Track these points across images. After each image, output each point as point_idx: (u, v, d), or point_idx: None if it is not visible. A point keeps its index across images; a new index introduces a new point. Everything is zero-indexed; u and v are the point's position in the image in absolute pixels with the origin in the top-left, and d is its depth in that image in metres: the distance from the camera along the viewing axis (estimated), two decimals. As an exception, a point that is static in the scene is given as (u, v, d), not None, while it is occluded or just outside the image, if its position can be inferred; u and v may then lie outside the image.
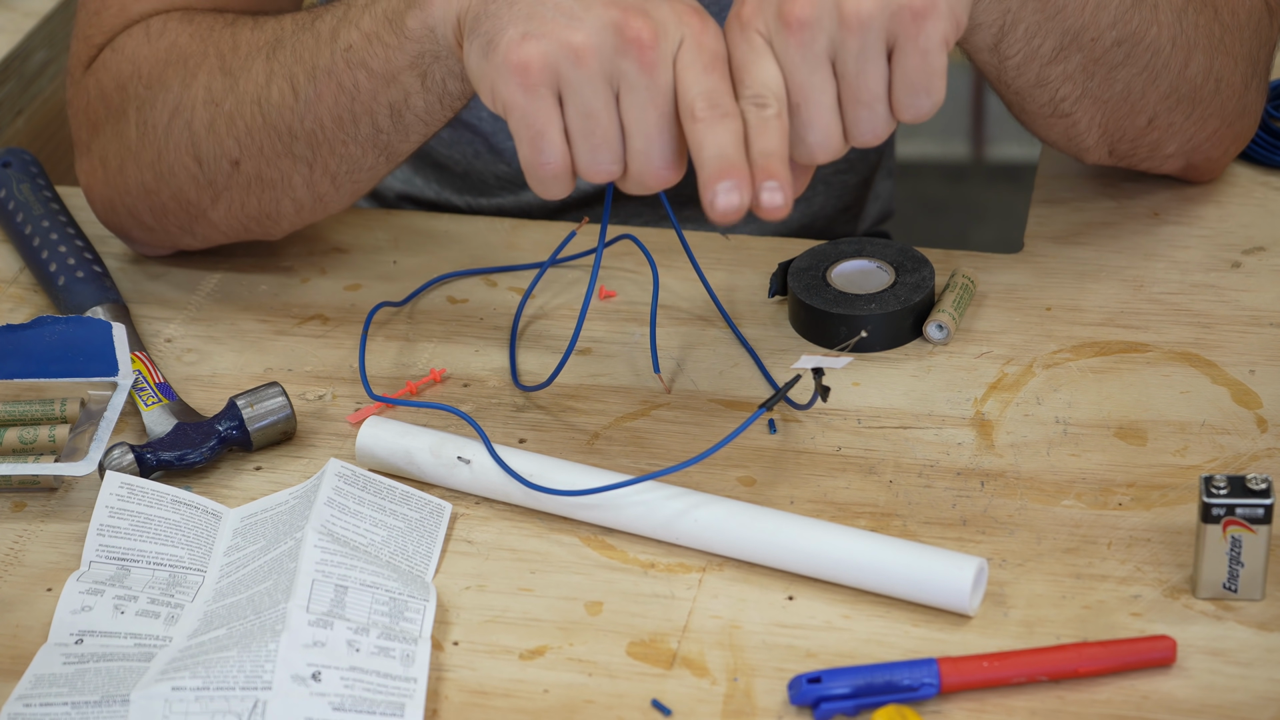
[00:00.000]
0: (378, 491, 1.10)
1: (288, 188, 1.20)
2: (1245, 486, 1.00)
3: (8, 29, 1.60)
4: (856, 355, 1.20)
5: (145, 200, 1.24)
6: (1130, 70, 1.19)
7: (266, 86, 1.17)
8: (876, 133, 1.04)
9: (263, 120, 1.18)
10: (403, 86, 1.13)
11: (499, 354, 1.22)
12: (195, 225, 1.25)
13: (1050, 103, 1.20)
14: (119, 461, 1.12)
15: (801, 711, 0.98)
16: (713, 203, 1.01)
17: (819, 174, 1.50)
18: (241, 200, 1.22)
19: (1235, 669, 0.99)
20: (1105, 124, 1.22)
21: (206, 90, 1.20)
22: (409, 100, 1.14)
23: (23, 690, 1.00)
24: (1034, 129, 1.24)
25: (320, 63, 1.15)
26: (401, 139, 1.17)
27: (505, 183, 1.47)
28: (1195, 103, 1.22)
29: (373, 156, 1.18)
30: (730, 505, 1.07)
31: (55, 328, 1.17)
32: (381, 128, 1.16)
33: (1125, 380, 1.17)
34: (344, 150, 1.17)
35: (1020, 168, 2.75)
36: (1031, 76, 1.17)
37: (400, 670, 1.00)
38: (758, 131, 1.01)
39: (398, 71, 1.13)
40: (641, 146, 1.02)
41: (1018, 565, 1.05)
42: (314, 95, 1.16)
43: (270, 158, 1.19)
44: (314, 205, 1.22)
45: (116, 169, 1.24)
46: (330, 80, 1.15)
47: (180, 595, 1.06)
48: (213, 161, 1.20)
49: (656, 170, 1.03)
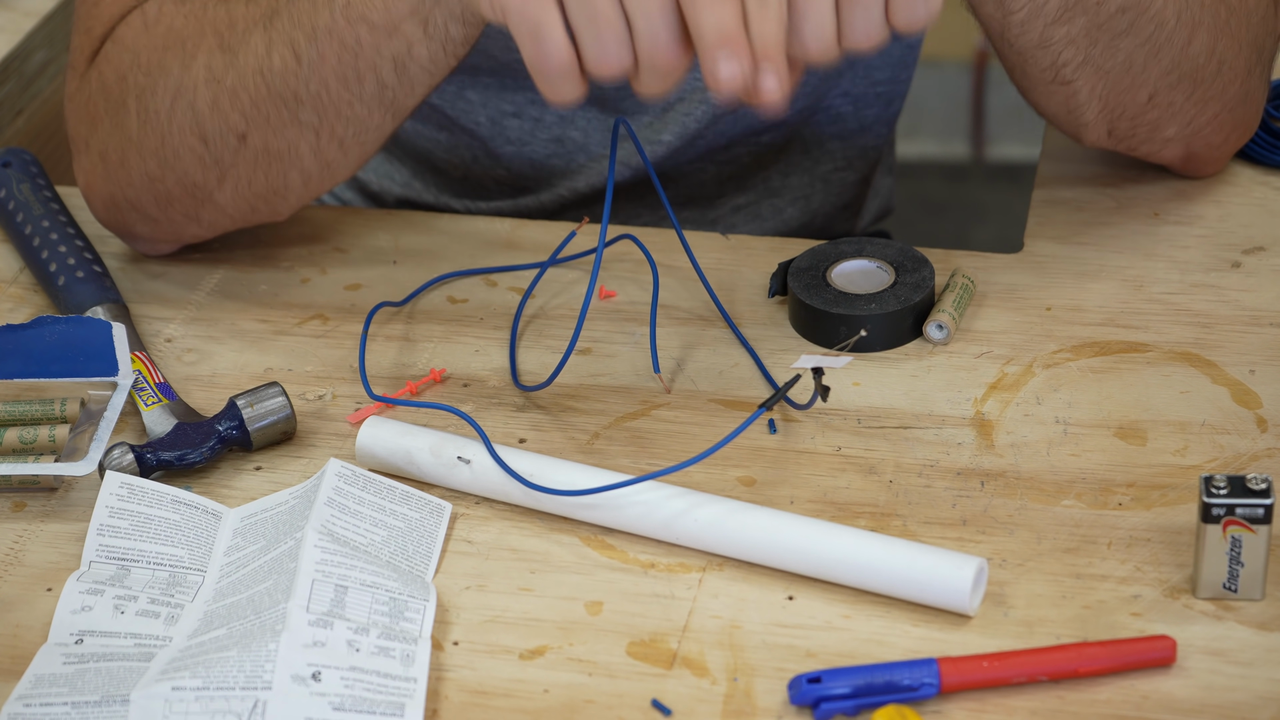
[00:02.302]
0: (378, 491, 1.10)
1: (295, 158, 1.20)
2: (1245, 486, 1.00)
3: (8, 29, 1.60)
4: (856, 355, 1.20)
5: (150, 190, 1.24)
6: (1133, 40, 1.19)
7: (268, 55, 1.17)
8: (870, 35, 1.04)
9: (267, 90, 1.18)
10: (405, 36, 1.13)
11: (499, 354, 1.22)
12: (202, 210, 1.25)
13: (1052, 67, 1.19)
14: (119, 461, 1.12)
15: (801, 711, 0.98)
16: (714, 71, 1.01)
17: (817, 171, 1.50)
18: (249, 177, 1.22)
19: (1235, 669, 0.99)
20: (1106, 96, 1.22)
21: (207, 69, 1.20)
22: (412, 50, 1.14)
23: (23, 690, 1.00)
24: (1034, 98, 1.24)
25: (320, 23, 1.15)
26: (407, 93, 1.17)
27: (504, 186, 1.47)
28: (1197, 83, 1.22)
29: (379, 114, 1.18)
30: (730, 505, 1.07)
31: (55, 328, 1.17)
32: (386, 83, 1.16)
33: (1125, 380, 1.17)
34: (350, 111, 1.17)
35: (1020, 168, 2.75)
36: (1035, 36, 1.17)
37: (400, 670, 1.00)
38: (756, 17, 1.01)
39: (399, 21, 1.13)
40: (646, 27, 1.02)
41: (1018, 565, 1.05)
42: (317, 57, 1.16)
43: (277, 127, 1.19)
44: (321, 175, 1.22)
45: (118, 162, 1.24)
46: (332, 39, 1.15)
47: (180, 595, 1.06)
48: (219, 138, 1.20)
49: (665, 50, 1.02)
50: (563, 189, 1.45)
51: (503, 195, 1.48)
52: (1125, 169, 1.35)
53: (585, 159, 1.44)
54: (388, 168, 1.52)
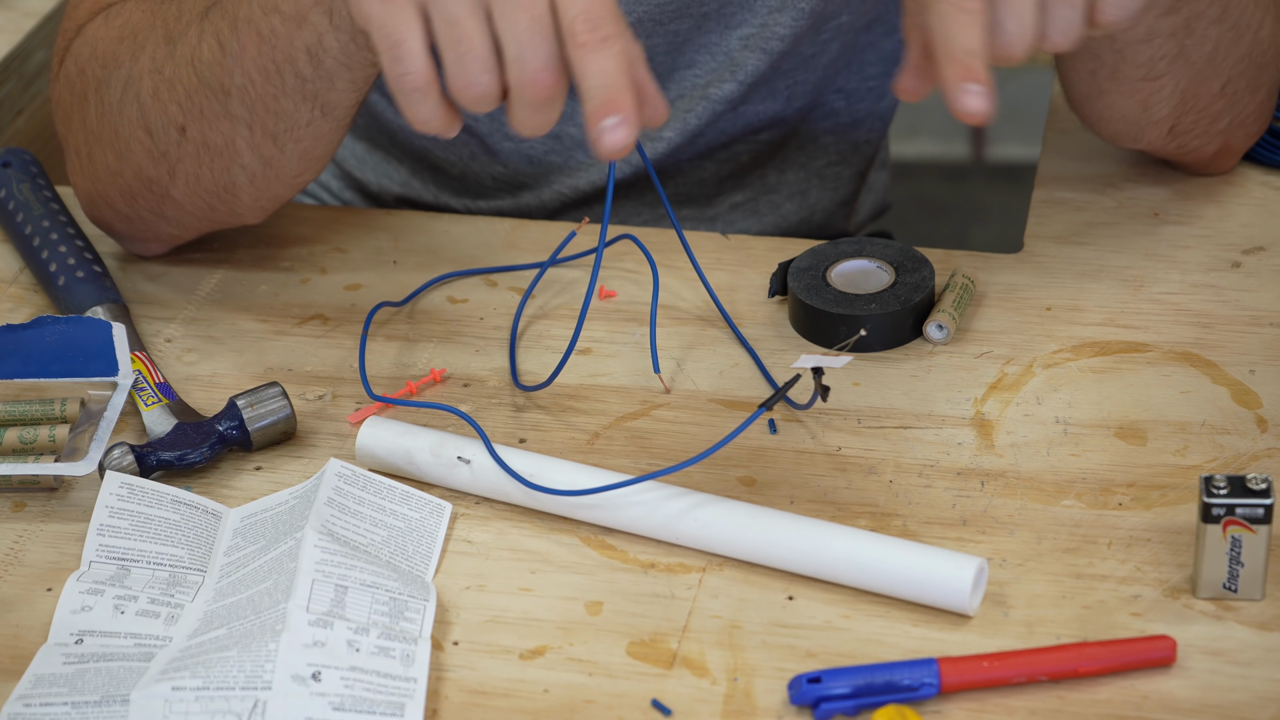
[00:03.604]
0: (378, 491, 1.10)
1: (234, 154, 1.19)
2: (1245, 486, 1.00)
3: (8, 29, 1.60)
4: (856, 355, 1.20)
5: (113, 183, 1.24)
6: (1223, 26, 1.19)
7: (198, 45, 1.17)
8: (1069, 33, 1.02)
9: (198, 80, 1.17)
10: (314, 26, 1.12)
11: (499, 354, 1.22)
12: (164, 207, 1.24)
13: (1149, 62, 1.19)
14: (119, 461, 1.12)
15: (801, 711, 0.98)
16: (598, 140, 0.96)
17: (813, 167, 1.50)
18: (195, 172, 1.21)
19: (1235, 669, 0.99)
20: (1185, 89, 1.22)
21: (151, 60, 1.20)
22: (323, 41, 1.12)
23: (23, 690, 1.00)
24: (1110, 100, 1.23)
25: (240, 14, 1.15)
26: (327, 86, 1.15)
27: (503, 184, 1.47)
28: (1260, 68, 1.23)
29: (306, 110, 1.16)
30: (730, 505, 1.07)
31: (55, 328, 1.17)
32: (304, 75, 1.14)
33: (1125, 380, 1.17)
34: (275, 105, 1.16)
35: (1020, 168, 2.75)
36: (1144, 29, 1.17)
37: (400, 670, 1.00)
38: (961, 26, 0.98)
39: (305, 10, 1.11)
40: (515, 54, 0.97)
41: (1018, 565, 1.05)
42: (238, 48, 1.15)
43: (211, 119, 1.18)
44: (265, 172, 1.20)
45: (86, 156, 1.25)
46: (250, 30, 1.14)
47: (180, 595, 1.06)
48: (161, 131, 1.20)
49: (534, 74, 0.97)
50: (563, 186, 1.45)
51: (502, 194, 1.48)
52: (1125, 169, 1.35)
53: (585, 156, 1.44)
54: (386, 167, 1.52)
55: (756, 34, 1.38)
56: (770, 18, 1.37)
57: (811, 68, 1.42)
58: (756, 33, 1.38)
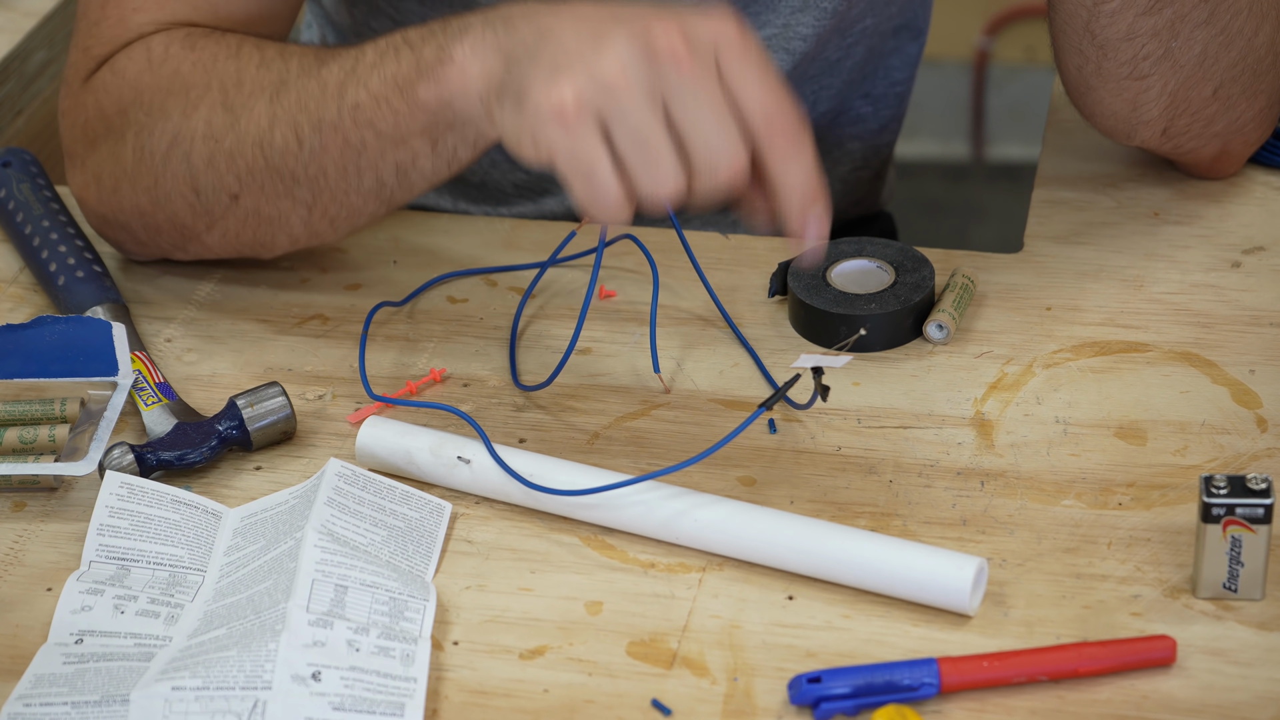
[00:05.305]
0: (378, 491, 1.10)
1: (285, 224, 1.20)
2: (1245, 486, 1.00)
3: (8, 29, 1.60)
4: (856, 355, 1.20)
5: (139, 220, 1.24)
6: (1211, 30, 1.19)
7: (270, 130, 1.17)
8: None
9: (265, 163, 1.17)
10: (411, 149, 1.13)
11: (499, 354, 1.22)
12: (189, 245, 1.25)
13: (1132, 61, 1.19)
14: (119, 461, 1.12)
15: (801, 711, 0.98)
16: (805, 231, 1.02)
17: (837, 173, 1.50)
18: (237, 230, 1.22)
19: (1235, 669, 0.99)
20: (1175, 91, 1.22)
21: (207, 124, 1.19)
22: (416, 162, 1.14)
23: (23, 690, 1.00)
24: (1097, 96, 1.23)
25: (326, 116, 1.14)
26: (405, 193, 1.17)
27: (524, 190, 1.47)
28: (1256, 75, 1.22)
29: (374, 205, 1.18)
30: (730, 505, 1.07)
31: (55, 328, 1.17)
32: (386, 182, 1.16)
33: (1125, 380, 1.17)
34: (345, 199, 1.17)
35: (1020, 168, 2.75)
36: (1123, 27, 1.17)
37: (400, 670, 1.00)
38: None
39: (407, 136, 1.12)
40: (702, 144, 1.00)
41: (1018, 565, 1.05)
42: (319, 146, 1.15)
43: (271, 197, 1.19)
44: (309, 240, 1.22)
45: (111, 188, 1.24)
46: (336, 135, 1.14)
47: (180, 595, 1.06)
48: (211, 193, 1.20)
49: (727, 160, 1.00)
50: None
51: (523, 200, 1.47)
52: (1125, 169, 1.35)
53: None
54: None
55: (779, 34, 1.37)
56: (793, 18, 1.37)
57: (836, 72, 1.42)
58: (779, 33, 1.37)
